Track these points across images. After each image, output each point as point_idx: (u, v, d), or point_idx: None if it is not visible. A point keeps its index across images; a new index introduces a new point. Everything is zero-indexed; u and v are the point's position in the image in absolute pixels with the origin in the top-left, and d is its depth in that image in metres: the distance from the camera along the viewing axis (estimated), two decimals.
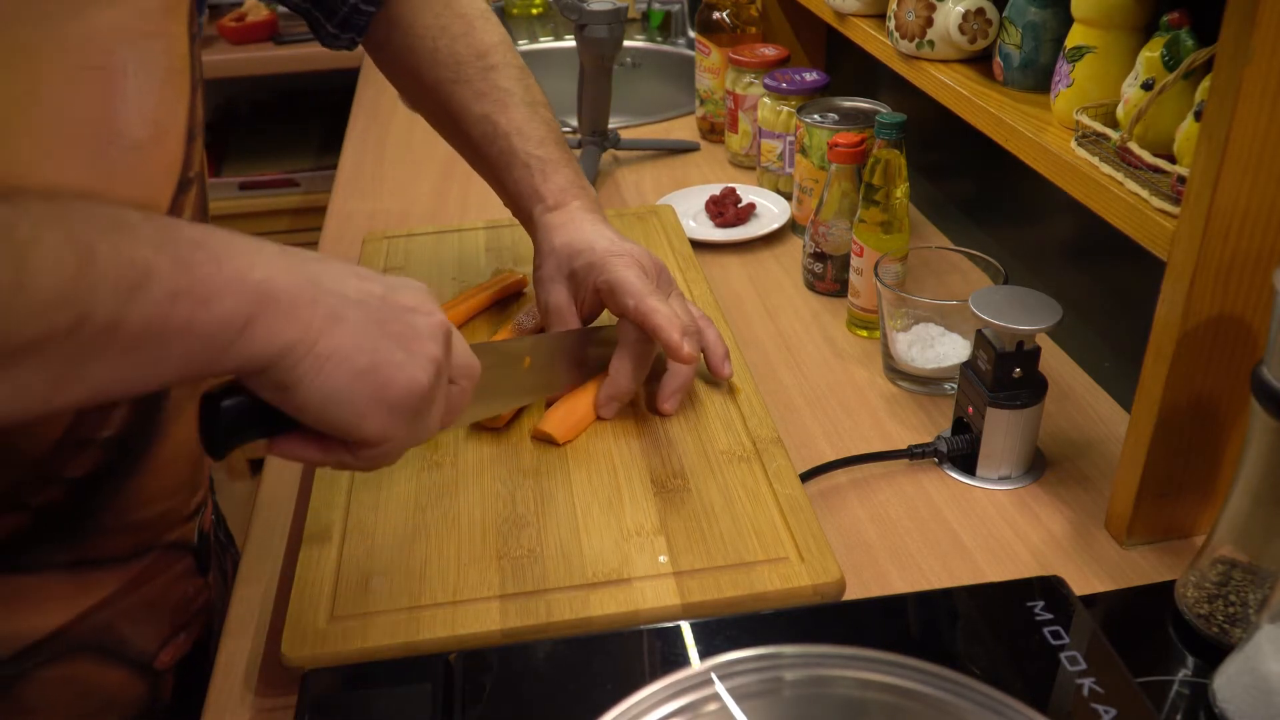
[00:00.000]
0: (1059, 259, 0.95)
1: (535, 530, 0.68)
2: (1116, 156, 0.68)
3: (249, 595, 0.69)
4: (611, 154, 1.36)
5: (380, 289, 0.52)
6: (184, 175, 0.61)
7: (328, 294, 0.48)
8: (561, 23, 1.92)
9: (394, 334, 0.50)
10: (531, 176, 0.79)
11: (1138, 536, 0.70)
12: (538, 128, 0.80)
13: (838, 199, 0.97)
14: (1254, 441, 0.56)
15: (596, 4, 1.18)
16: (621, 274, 0.74)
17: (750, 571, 0.64)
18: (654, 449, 0.74)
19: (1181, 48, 0.64)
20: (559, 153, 0.80)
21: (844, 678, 0.51)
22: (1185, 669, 0.61)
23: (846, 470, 0.78)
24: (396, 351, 0.50)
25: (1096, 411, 0.84)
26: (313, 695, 0.56)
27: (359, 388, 0.49)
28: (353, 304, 0.49)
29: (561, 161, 0.80)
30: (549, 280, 0.79)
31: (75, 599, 0.63)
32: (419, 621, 0.61)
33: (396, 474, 0.73)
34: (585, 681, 0.56)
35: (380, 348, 0.50)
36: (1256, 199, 0.57)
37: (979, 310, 0.71)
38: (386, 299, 0.51)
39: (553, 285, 0.78)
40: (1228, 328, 0.62)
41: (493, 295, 0.93)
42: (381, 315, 0.50)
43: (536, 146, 0.79)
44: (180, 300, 0.43)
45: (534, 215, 0.80)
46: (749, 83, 1.25)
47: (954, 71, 0.87)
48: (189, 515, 0.70)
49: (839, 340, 0.95)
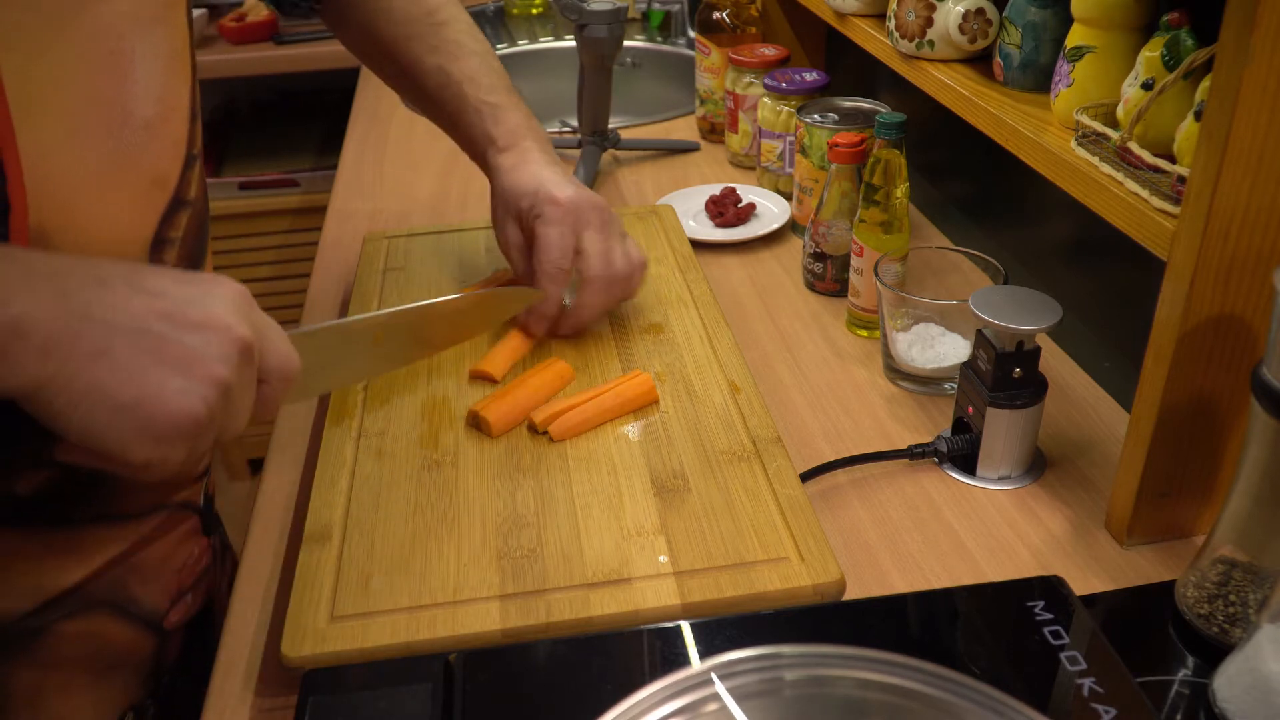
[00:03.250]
0: (1059, 259, 0.95)
1: (535, 530, 0.68)
2: (1116, 156, 0.68)
3: (249, 595, 0.69)
4: (611, 154, 1.36)
5: (168, 306, 0.51)
6: (189, 152, 0.65)
7: (95, 326, 0.48)
8: (561, 23, 1.92)
9: (171, 360, 0.50)
10: (483, 120, 0.83)
11: (1138, 536, 0.70)
12: (488, 75, 0.84)
13: (838, 199, 0.97)
14: (1254, 441, 0.56)
15: (596, 4, 1.18)
16: (541, 230, 0.80)
17: (750, 571, 0.64)
18: (654, 449, 0.74)
19: (1181, 48, 0.64)
20: (509, 98, 0.84)
21: (844, 678, 0.51)
22: (1185, 669, 0.61)
23: (846, 470, 0.78)
24: (172, 378, 0.50)
25: (1096, 411, 0.84)
26: (313, 695, 0.56)
27: (121, 421, 0.49)
28: (124, 333, 0.49)
29: (511, 106, 0.84)
30: (500, 222, 0.85)
31: (93, 555, 0.66)
32: (419, 621, 0.61)
33: (397, 474, 0.73)
34: (585, 681, 0.56)
35: (149, 379, 0.49)
36: (1256, 199, 0.57)
37: (979, 310, 0.71)
38: (173, 319, 0.51)
39: (504, 226, 0.84)
40: (1228, 328, 0.62)
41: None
42: (160, 342, 0.50)
43: (488, 93, 0.83)
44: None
45: (488, 158, 0.85)
46: (749, 83, 1.25)
47: (954, 71, 0.87)
48: (197, 477, 0.75)
49: (839, 340, 0.95)
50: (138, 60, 0.59)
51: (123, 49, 0.58)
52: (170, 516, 0.72)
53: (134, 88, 0.59)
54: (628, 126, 1.45)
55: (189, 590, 0.76)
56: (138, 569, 0.70)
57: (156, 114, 0.61)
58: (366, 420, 0.79)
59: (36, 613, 0.65)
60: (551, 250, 0.79)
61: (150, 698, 0.75)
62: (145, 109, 0.60)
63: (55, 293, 0.47)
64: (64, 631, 0.67)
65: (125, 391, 0.48)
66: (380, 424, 0.78)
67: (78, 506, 0.65)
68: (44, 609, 0.65)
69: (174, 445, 0.51)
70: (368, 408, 0.80)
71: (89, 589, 0.67)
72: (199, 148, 0.68)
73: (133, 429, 0.49)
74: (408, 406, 0.80)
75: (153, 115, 0.60)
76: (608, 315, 0.90)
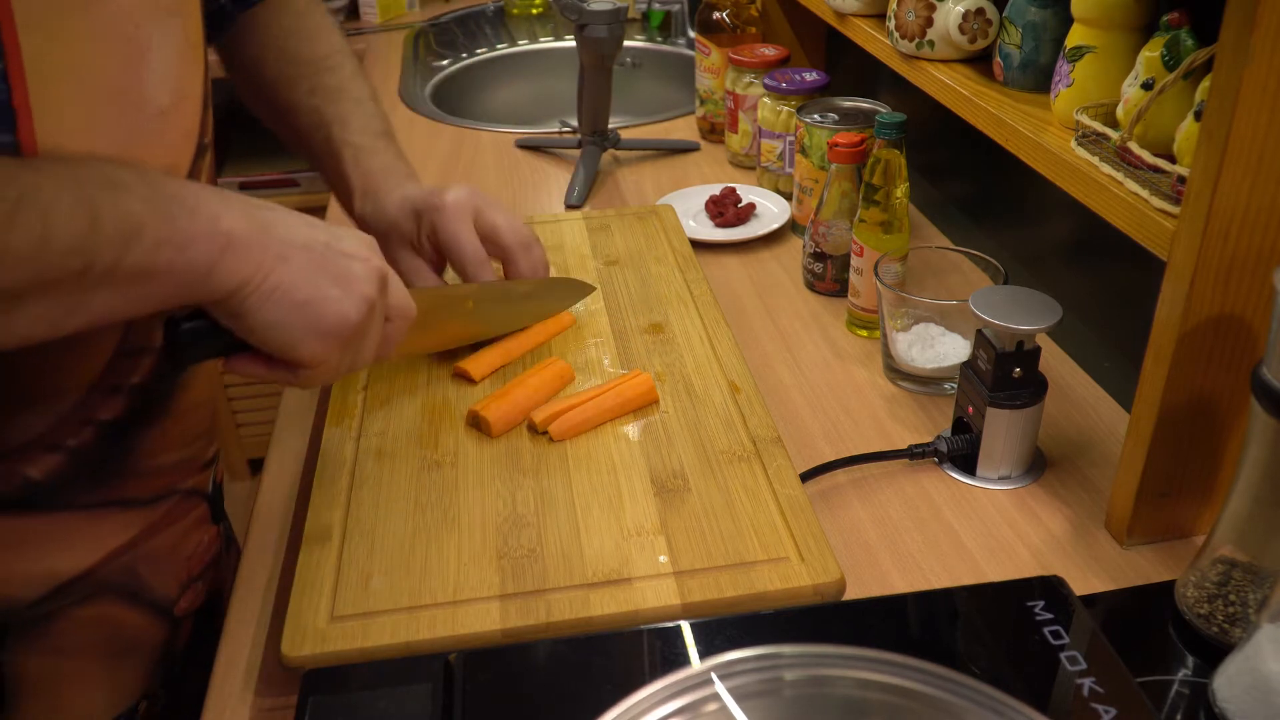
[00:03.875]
0: (1059, 259, 0.95)
1: (535, 530, 0.68)
2: (1116, 156, 0.68)
3: (249, 595, 0.69)
4: (611, 154, 1.36)
5: (325, 237, 0.60)
6: (200, 140, 0.68)
7: (278, 240, 0.57)
8: (561, 23, 1.92)
9: (332, 274, 0.59)
10: (343, 163, 0.84)
11: (1138, 536, 0.70)
12: (361, 119, 0.86)
13: (838, 199, 0.97)
14: (1254, 441, 0.56)
15: (596, 4, 1.18)
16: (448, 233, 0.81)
17: (750, 571, 0.64)
18: (654, 449, 0.74)
19: (1181, 48, 0.64)
20: (377, 142, 0.86)
21: (844, 678, 0.51)
22: (1185, 669, 0.61)
23: (846, 470, 0.78)
24: (332, 289, 0.59)
25: (1096, 411, 0.84)
26: (313, 695, 0.56)
27: (296, 317, 0.58)
28: (298, 248, 0.58)
29: (379, 150, 0.85)
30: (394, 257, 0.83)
31: (103, 540, 0.69)
32: (419, 621, 0.61)
33: (397, 474, 0.73)
34: (585, 681, 0.56)
35: (318, 285, 0.59)
36: (1256, 199, 0.57)
37: (979, 310, 0.71)
38: (330, 245, 0.60)
39: (399, 259, 0.84)
40: (1228, 328, 0.62)
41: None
42: (323, 258, 0.59)
43: (356, 135, 0.85)
44: (163, 248, 0.52)
45: (351, 203, 0.85)
46: (749, 83, 1.25)
47: (954, 71, 0.87)
48: (205, 464, 0.78)
49: (839, 340, 0.95)
50: (154, 49, 0.61)
51: (139, 37, 0.60)
52: (180, 503, 0.74)
53: (149, 75, 0.61)
54: (628, 126, 1.45)
55: (198, 578, 0.77)
56: (148, 556, 0.72)
57: (170, 102, 0.63)
58: (366, 420, 0.79)
59: (48, 598, 0.67)
60: (466, 246, 0.81)
61: (162, 687, 0.76)
62: (160, 97, 0.62)
63: (243, 209, 0.57)
64: (76, 617, 0.69)
65: (301, 291, 0.58)
66: (380, 424, 0.78)
67: (88, 491, 0.67)
68: (56, 594, 0.67)
69: (331, 345, 0.60)
70: (368, 408, 0.80)
71: (100, 575, 0.69)
72: (210, 137, 0.70)
73: (303, 325, 0.58)
74: (408, 407, 0.80)
75: (167, 103, 0.62)
76: (606, 314, 0.90)
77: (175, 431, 0.72)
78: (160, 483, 0.72)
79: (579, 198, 1.23)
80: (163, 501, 0.73)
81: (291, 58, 0.86)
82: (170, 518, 0.74)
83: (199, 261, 0.54)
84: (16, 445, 0.63)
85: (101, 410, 0.66)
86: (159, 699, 0.76)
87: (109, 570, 0.70)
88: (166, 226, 0.52)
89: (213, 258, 0.54)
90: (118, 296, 0.52)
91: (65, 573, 0.67)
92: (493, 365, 0.83)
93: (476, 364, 0.83)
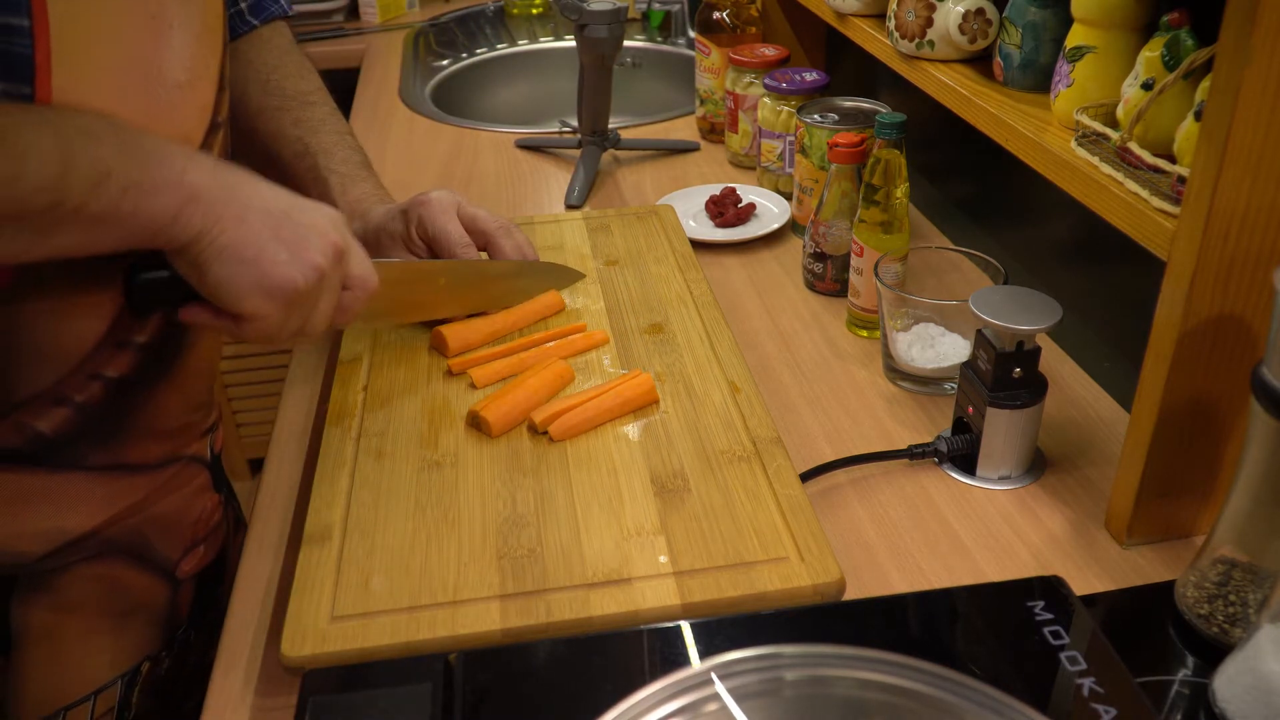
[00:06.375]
0: (1059, 259, 0.95)
1: (535, 530, 0.68)
2: (1116, 156, 0.68)
3: (249, 595, 0.69)
4: (611, 154, 1.36)
5: (286, 206, 0.65)
6: (214, 119, 0.71)
7: (239, 201, 0.62)
8: (561, 23, 1.92)
9: (284, 239, 0.63)
10: (330, 190, 0.89)
11: (1138, 536, 0.70)
12: (343, 151, 0.92)
13: (838, 199, 0.97)
14: (1254, 441, 0.56)
15: (596, 4, 1.18)
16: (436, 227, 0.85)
17: (750, 571, 0.64)
18: (654, 449, 0.74)
19: (1181, 48, 0.64)
20: (359, 172, 0.92)
21: (844, 678, 0.51)
22: (1185, 669, 0.61)
23: (846, 470, 0.78)
24: (281, 252, 0.63)
25: (1096, 411, 0.84)
26: (313, 695, 0.56)
27: (243, 273, 0.62)
28: (257, 211, 0.62)
29: (360, 179, 0.92)
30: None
31: (110, 501, 0.73)
32: (419, 621, 0.61)
33: (397, 474, 0.73)
34: (585, 681, 0.56)
35: (267, 246, 0.62)
36: (1256, 199, 0.57)
37: (979, 310, 0.71)
38: (289, 214, 0.64)
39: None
40: (1228, 328, 0.62)
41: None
42: (278, 224, 0.63)
43: (340, 164, 0.91)
44: (129, 192, 0.56)
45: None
46: (749, 83, 1.25)
47: (954, 71, 0.87)
48: (206, 430, 0.82)
49: (839, 340, 0.95)
50: (175, 28, 0.65)
51: (163, 14, 0.64)
52: (182, 470, 0.79)
53: (168, 52, 0.64)
54: (628, 126, 1.45)
55: (202, 542, 0.82)
56: (155, 519, 0.77)
57: (187, 79, 0.66)
58: (366, 420, 0.79)
59: (56, 553, 0.71)
60: (453, 233, 0.85)
61: (165, 649, 0.79)
62: (177, 73, 0.65)
63: (210, 169, 0.61)
64: (82, 574, 0.73)
65: (249, 249, 0.61)
66: (380, 424, 0.78)
67: (96, 450, 0.71)
68: (63, 550, 0.71)
69: (275, 304, 0.63)
70: (368, 408, 0.80)
71: (107, 534, 0.73)
72: (224, 116, 0.74)
73: (248, 281, 0.62)
74: (408, 406, 0.80)
75: (183, 79, 0.66)
76: (606, 314, 0.90)
77: (179, 397, 0.76)
78: (165, 447, 0.76)
79: (579, 198, 1.23)
80: (166, 468, 0.77)
81: (276, 90, 0.92)
82: (174, 484, 0.78)
83: (161, 210, 0.58)
84: (24, 398, 0.66)
85: (109, 367, 0.69)
86: (162, 661, 0.79)
87: (116, 530, 0.74)
88: (136, 173, 0.56)
89: (175, 208, 0.58)
90: (82, 233, 0.56)
91: (73, 530, 0.71)
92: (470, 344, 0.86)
93: (454, 333, 0.85)
